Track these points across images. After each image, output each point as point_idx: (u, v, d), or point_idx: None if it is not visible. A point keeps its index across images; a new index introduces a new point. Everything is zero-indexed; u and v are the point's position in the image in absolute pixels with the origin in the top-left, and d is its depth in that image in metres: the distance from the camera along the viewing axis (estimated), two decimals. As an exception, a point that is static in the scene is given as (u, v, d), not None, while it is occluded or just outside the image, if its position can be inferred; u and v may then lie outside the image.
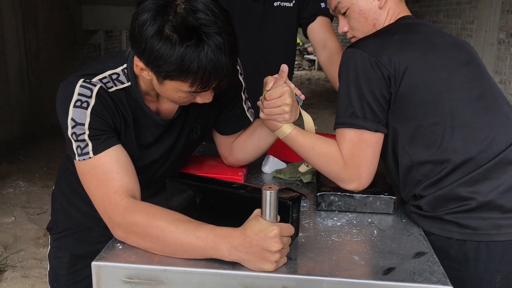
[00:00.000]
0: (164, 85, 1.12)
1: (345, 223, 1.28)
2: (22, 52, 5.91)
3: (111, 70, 1.22)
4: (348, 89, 1.27)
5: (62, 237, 1.54)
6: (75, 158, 1.16)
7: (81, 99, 1.15)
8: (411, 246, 1.15)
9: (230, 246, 1.00)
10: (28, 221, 3.80)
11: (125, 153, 1.19)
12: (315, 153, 1.32)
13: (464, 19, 6.07)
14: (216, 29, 1.04)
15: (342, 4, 1.40)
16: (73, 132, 1.15)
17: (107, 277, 1.04)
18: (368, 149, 1.27)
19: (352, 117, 1.26)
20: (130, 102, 1.24)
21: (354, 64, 1.27)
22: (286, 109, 1.29)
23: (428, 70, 1.26)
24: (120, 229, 1.11)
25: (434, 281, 0.99)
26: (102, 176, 1.14)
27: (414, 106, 1.25)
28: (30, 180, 4.69)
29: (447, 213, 1.24)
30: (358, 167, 1.27)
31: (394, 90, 1.25)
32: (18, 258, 3.22)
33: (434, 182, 1.26)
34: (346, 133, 1.28)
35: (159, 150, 1.34)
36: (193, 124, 1.38)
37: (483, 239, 1.22)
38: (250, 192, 1.17)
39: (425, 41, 1.32)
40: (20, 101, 5.86)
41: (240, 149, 1.51)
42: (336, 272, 1.02)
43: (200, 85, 1.09)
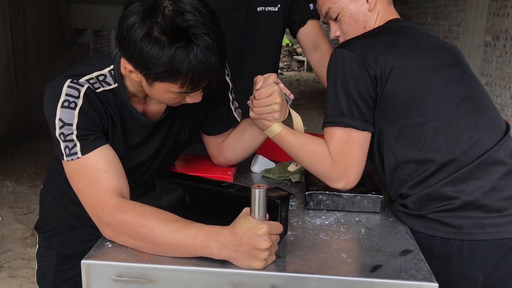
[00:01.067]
0: (154, 87, 1.13)
1: (333, 222, 1.30)
2: (10, 51, 5.87)
3: (98, 72, 1.22)
4: (335, 89, 1.29)
5: (49, 236, 1.54)
6: (63, 158, 1.16)
7: (68, 100, 1.15)
8: (397, 244, 1.17)
9: (219, 245, 1.01)
10: (15, 221, 3.77)
11: (113, 153, 1.20)
12: (304, 151, 1.34)
13: (451, 22, 6.14)
14: (205, 29, 1.05)
15: (333, 9, 1.42)
16: (61, 133, 1.15)
17: (97, 275, 1.04)
18: (356, 148, 1.29)
19: (340, 116, 1.28)
20: (117, 103, 1.24)
21: (341, 63, 1.29)
22: (276, 108, 1.31)
23: (414, 71, 1.28)
24: (110, 229, 1.11)
25: (420, 278, 1.01)
26: (91, 176, 1.14)
27: (399, 106, 1.27)
28: (17, 180, 4.65)
29: (432, 212, 1.26)
30: (346, 166, 1.29)
31: (380, 90, 1.27)
32: (5, 258, 3.20)
33: (419, 182, 1.28)
34: (334, 132, 1.29)
35: (146, 151, 1.34)
36: (181, 126, 1.38)
37: (466, 237, 1.24)
38: (239, 191, 1.18)
39: (412, 43, 1.34)
40: (8, 100, 5.81)
41: (230, 149, 1.52)
42: (324, 269, 1.03)
43: (190, 86, 1.09)
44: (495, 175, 1.26)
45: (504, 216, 1.25)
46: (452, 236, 1.25)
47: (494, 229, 1.24)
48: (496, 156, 1.27)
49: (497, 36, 5.09)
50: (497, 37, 5.09)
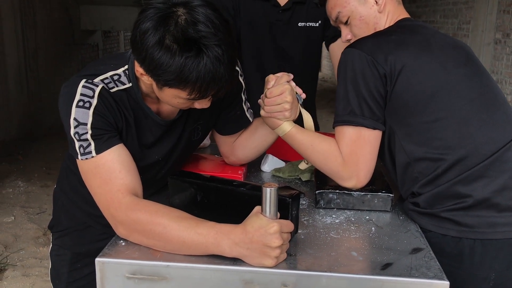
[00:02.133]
0: (163, 91, 1.15)
1: (344, 220, 1.30)
2: (21, 52, 5.92)
3: (113, 71, 1.23)
4: (346, 88, 1.30)
5: (63, 235, 1.56)
6: (78, 157, 1.18)
7: (83, 99, 1.16)
8: (408, 242, 1.17)
9: (231, 242, 1.03)
10: (27, 220, 3.81)
11: (127, 152, 1.21)
12: (314, 150, 1.34)
13: (461, 19, 6.10)
14: (216, 41, 1.06)
15: (343, 13, 1.43)
16: (75, 132, 1.16)
17: (111, 273, 1.06)
18: (367, 146, 1.29)
19: (351, 115, 1.28)
20: (131, 103, 1.26)
21: (351, 63, 1.29)
22: (286, 107, 1.32)
23: (424, 69, 1.28)
24: (123, 227, 1.13)
25: (431, 276, 1.02)
26: (105, 175, 1.16)
27: (409, 104, 1.27)
28: (29, 180, 4.70)
29: (444, 211, 1.26)
30: (356, 165, 1.29)
31: (390, 88, 1.27)
32: (18, 257, 3.24)
33: (431, 180, 1.28)
34: (345, 131, 1.30)
35: (160, 151, 1.35)
36: (194, 126, 1.40)
37: (478, 237, 1.24)
38: (250, 190, 1.19)
39: (423, 41, 1.34)
40: (19, 101, 5.87)
41: (242, 148, 1.53)
42: (335, 267, 1.04)
43: (198, 94, 1.11)
44: (507, 173, 1.25)
45: None
46: (464, 235, 1.25)
47: (506, 228, 1.24)
48: (509, 154, 1.27)
49: (507, 33, 5.05)
50: (507, 35, 5.05)
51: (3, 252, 3.28)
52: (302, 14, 2.01)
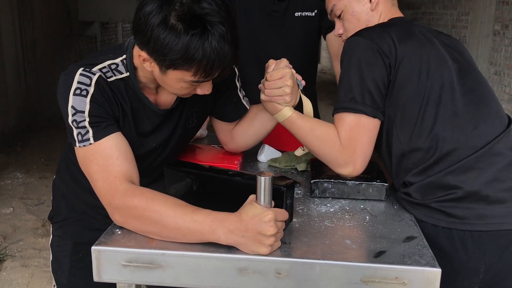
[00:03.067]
0: (167, 75, 1.15)
1: (338, 209, 1.31)
2: (19, 43, 5.91)
3: (111, 61, 1.24)
4: (349, 75, 1.30)
5: (64, 226, 1.56)
6: (76, 144, 1.19)
7: (80, 87, 1.17)
8: (402, 231, 1.19)
9: (226, 230, 1.04)
10: (26, 212, 3.83)
11: (124, 140, 1.22)
12: (314, 135, 1.34)
13: (460, 10, 6.09)
14: (220, 18, 1.08)
15: (337, 7, 1.45)
16: (73, 120, 1.17)
17: (107, 261, 1.07)
18: (365, 134, 1.29)
19: (352, 102, 1.29)
20: (129, 92, 1.26)
21: (357, 50, 1.30)
22: (287, 91, 1.33)
23: (423, 62, 1.30)
24: (119, 213, 1.13)
25: (423, 264, 1.03)
26: (102, 162, 1.17)
27: (407, 95, 1.29)
28: (27, 172, 4.71)
29: (435, 201, 1.27)
30: (354, 151, 1.30)
31: (392, 78, 1.29)
32: (17, 248, 3.26)
33: (423, 170, 1.29)
34: (345, 117, 1.30)
35: (157, 138, 1.36)
36: (189, 113, 1.41)
37: (468, 228, 1.25)
38: (245, 179, 1.20)
39: (420, 36, 1.35)
40: (17, 92, 5.87)
41: (241, 135, 1.54)
42: (328, 255, 1.05)
43: (203, 74, 1.12)
44: (496, 166, 1.27)
45: (506, 207, 1.26)
46: (455, 226, 1.26)
47: (496, 220, 1.25)
48: (498, 147, 1.29)
49: (506, 25, 5.05)
50: (506, 26, 5.05)
51: (2, 243, 3.30)
52: (298, 4, 2.00)
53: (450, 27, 6.28)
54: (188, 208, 1.09)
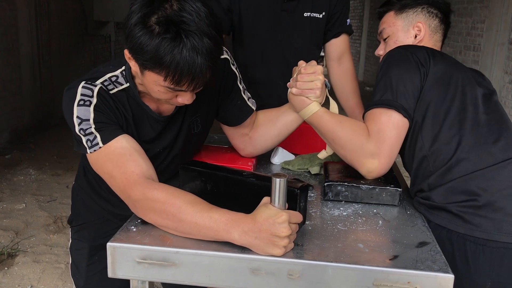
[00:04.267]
0: (145, 76, 1.18)
1: (351, 213, 1.32)
2: (34, 42, 5.98)
3: (111, 73, 1.28)
4: (386, 79, 1.36)
5: (82, 229, 1.59)
6: (87, 152, 1.22)
7: (83, 99, 1.21)
8: (414, 236, 1.19)
9: (241, 231, 1.05)
10: (38, 208, 3.87)
11: (134, 140, 1.24)
12: (342, 127, 1.38)
13: (475, 18, 6.05)
14: (197, 30, 1.08)
15: (386, 31, 1.57)
16: (80, 129, 1.20)
17: (121, 257, 1.08)
18: (394, 130, 1.32)
19: (385, 100, 1.34)
20: (131, 102, 1.30)
21: (397, 59, 1.38)
22: (318, 85, 1.39)
23: (453, 76, 1.37)
24: (140, 206, 1.15)
25: (436, 269, 1.03)
26: (116, 160, 1.19)
27: (435, 99, 1.35)
28: (40, 168, 4.75)
29: (456, 206, 1.29)
30: (382, 143, 1.31)
31: (424, 84, 1.35)
32: (29, 243, 3.29)
33: (444, 172, 1.31)
34: (376, 112, 1.34)
35: (161, 144, 1.39)
36: (192, 118, 1.43)
37: (484, 236, 1.26)
38: (259, 180, 1.21)
39: (450, 60, 1.43)
40: (31, 90, 5.94)
41: (262, 137, 1.56)
42: (341, 258, 1.06)
43: (172, 81, 1.13)
44: None
45: None
46: (471, 233, 1.27)
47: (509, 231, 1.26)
48: None
49: (522, 33, 5.01)
50: (522, 35, 5.01)
51: (14, 238, 3.33)
52: (308, 4, 2.01)
53: (465, 34, 6.24)
54: (206, 205, 1.10)
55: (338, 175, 1.43)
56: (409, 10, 1.55)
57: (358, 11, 12.26)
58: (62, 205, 3.94)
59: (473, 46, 5.98)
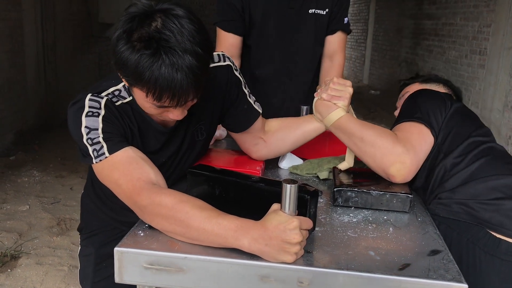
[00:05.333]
0: (133, 92, 1.19)
1: (361, 220, 1.30)
2: (40, 43, 5.98)
3: (114, 87, 1.28)
4: (414, 104, 1.48)
5: (91, 236, 1.60)
6: (93, 162, 1.21)
7: (92, 110, 1.21)
8: (426, 244, 1.17)
9: (250, 238, 1.03)
10: (42, 210, 3.85)
11: (139, 151, 1.24)
12: (369, 129, 1.40)
13: (482, 22, 6.03)
14: (178, 47, 1.07)
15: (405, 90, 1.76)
16: (88, 138, 1.20)
17: (129, 262, 1.07)
18: (422, 142, 1.39)
19: (415, 116, 1.42)
20: (135, 114, 1.30)
21: (424, 92, 1.56)
22: (347, 95, 1.44)
23: (466, 118, 1.48)
24: (147, 212, 1.13)
25: (449, 279, 1.01)
26: (123, 168, 1.18)
27: (457, 126, 1.44)
28: (44, 170, 4.75)
29: (477, 202, 1.32)
30: (410, 147, 1.36)
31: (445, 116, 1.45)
32: (32, 245, 3.27)
33: (466, 174, 1.37)
34: (406, 124, 1.43)
35: (165, 154, 1.39)
36: (196, 126, 1.42)
37: (504, 233, 1.27)
38: (268, 185, 1.19)
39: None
40: (36, 91, 5.94)
41: (280, 141, 1.56)
42: (352, 266, 1.04)
43: (154, 97, 1.12)
44: None
45: None
46: (490, 228, 1.29)
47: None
48: None
49: (529, 38, 4.98)
50: (529, 39, 4.98)
51: (17, 240, 3.32)
52: (312, 1, 2.03)
53: (470, 38, 6.21)
54: (215, 211, 1.08)
55: (348, 181, 1.41)
56: (432, 83, 1.76)
57: (364, 14, 12.24)
58: (66, 207, 3.93)
59: (479, 50, 5.95)
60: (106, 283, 1.54)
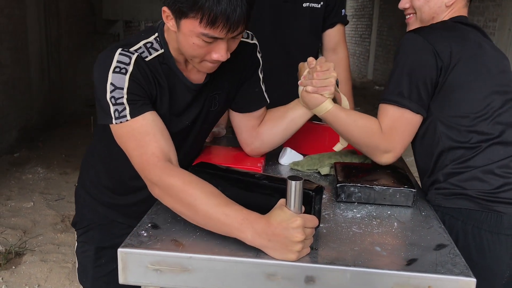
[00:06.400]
0: (181, 29, 1.17)
1: (365, 215, 1.29)
2: (43, 40, 5.98)
3: (145, 40, 1.28)
4: (401, 71, 1.36)
5: (87, 231, 1.57)
6: (112, 122, 1.21)
7: (120, 66, 1.20)
8: (431, 238, 1.16)
9: (254, 231, 1.02)
10: (46, 206, 3.86)
11: (160, 119, 1.24)
12: (356, 126, 1.40)
13: (487, 17, 5.99)
14: None
15: None
16: (111, 96, 1.19)
17: (133, 263, 1.05)
18: (407, 127, 1.37)
19: (399, 96, 1.35)
20: (164, 69, 1.29)
21: (413, 48, 1.36)
22: (333, 81, 1.40)
23: (476, 70, 1.35)
24: (157, 188, 1.15)
25: (457, 273, 1.00)
26: (140, 137, 1.19)
27: (457, 98, 1.34)
28: (48, 167, 4.75)
29: (476, 191, 1.33)
30: (394, 139, 1.37)
31: (442, 80, 1.34)
32: (36, 242, 3.28)
33: (463, 161, 1.35)
34: (389, 109, 1.37)
35: (189, 116, 1.38)
36: (213, 94, 1.41)
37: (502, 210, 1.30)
38: (272, 182, 1.18)
39: (476, 43, 1.40)
40: (40, 88, 5.94)
41: (269, 132, 1.53)
42: (359, 262, 1.03)
43: (208, 21, 1.11)
44: None
45: None
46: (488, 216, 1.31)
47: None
48: None
49: (534, 31, 4.95)
50: (534, 33, 4.95)
51: (22, 237, 3.33)
52: None
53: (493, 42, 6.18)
54: (222, 199, 1.08)
55: (350, 176, 1.40)
56: None
57: (368, 9, 12.18)
58: (70, 204, 3.93)
59: (484, 45, 5.92)
60: (107, 279, 1.52)
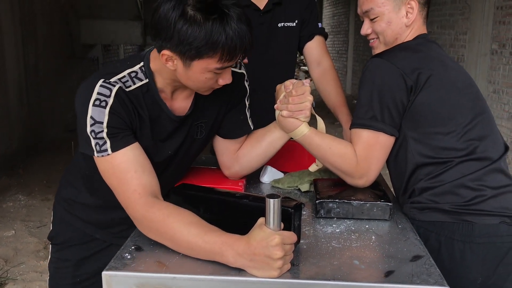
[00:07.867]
0: (192, 68, 1.19)
1: (344, 230, 1.32)
2: (21, 66, 5.96)
3: (130, 69, 1.29)
4: (371, 95, 1.37)
5: (64, 249, 1.56)
6: (94, 154, 1.22)
7: (100, 98, 1.20)
8: (408, 250, 1.20)
9: (235, 253, 1.05)
10: (28, 234, 3.82)
11: (142, 152, 1.25)
12: (332, 153, 1.41)
13: (458, 30, 6.16)
14: (233, 0, 1.15)
15: (374, 11, 1.48)
16: (92, 130, 1.20)
17: (118, 286, 1.07)
18: (381, 151, 1.38)
19: (372, 119, 1.36)
20: (147, 100, 1.30)
21: (380, 72, 1.37)
22: (308, 105, 1.41)
23: (444, 87, 1.38)
24: (141, 225, 1.19)
25: (432, 283, 1.03)
26: (121, 176, 1.21)
27: (427, 116, 1.36)
28: (29, 194, 4.70)
29: (450, 204, 1.36)
30: (369, 167, 1.38)
31: (412, 98, 1.35)
32: (18, 271, 3.24)
33: (436, 176, 1.37)
34: (363, 134, 1.38)
35: (172, 145, 1.39)
36: (198, 123, 1.43)
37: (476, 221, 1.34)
38: (252, 201, 1.21)
39: (440, 60, 1.43)
40: (19, 115, 5.89)
41: (248, 156, 1.55)
42: (338, 276, 1.06)
43: (228, 57, 1.16)
44: (499, 183, 1.37)
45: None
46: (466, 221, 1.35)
47: None
48: (501, 166, 1.39)
49: (503, 44, 5.10)
50: (503, 45, 5.10)
51: (3, 266, 3.28)
52: (281, 15, 2.08)
53: (448, 46, 6.34)
54: (202, 228, 1.11)
55: (329, 192, 1.44)
56: None
57: (344, 26, 12.41)
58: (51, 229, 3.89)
59: (457, 57, 6.07)
60: None
